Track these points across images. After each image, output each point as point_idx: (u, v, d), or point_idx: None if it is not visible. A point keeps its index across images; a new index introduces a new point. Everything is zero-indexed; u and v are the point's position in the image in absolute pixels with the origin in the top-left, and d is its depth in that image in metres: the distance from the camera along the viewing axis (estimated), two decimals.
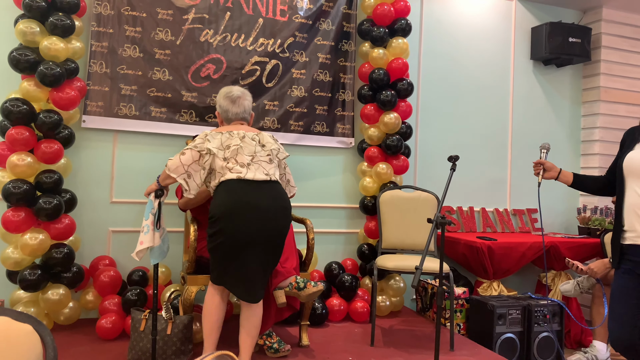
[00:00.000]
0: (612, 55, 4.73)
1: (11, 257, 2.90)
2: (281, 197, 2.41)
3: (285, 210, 2.42)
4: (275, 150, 2.50)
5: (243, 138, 2.43)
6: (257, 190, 2.33)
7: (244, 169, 2.35)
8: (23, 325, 1.07)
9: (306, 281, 2.68)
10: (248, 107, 2.59)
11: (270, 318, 2.79)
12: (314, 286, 2.66)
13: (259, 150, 2.43)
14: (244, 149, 2.39)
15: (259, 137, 2.49)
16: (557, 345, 3.33)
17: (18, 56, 2.89)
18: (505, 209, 4.54)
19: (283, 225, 2.40)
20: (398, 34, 3.84)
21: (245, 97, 2.59)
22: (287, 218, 2.44)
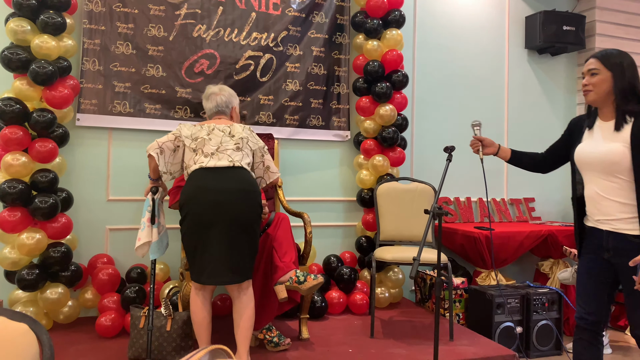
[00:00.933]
0: (607, 42, 4.72)
1: (8, 257, 2.90)
2: (243, 180, 2.42)
3: (247, 192, 2.40)
4: (245, 139, 2.54)
5: (212, 130, 2.53)
6: (218, 175, 2.39)
7: (207, 159, 2.43)
8: (19, 324, 1.07)
9: (306, 274, 2.69)
10: (222, 101, 2.68)
11: (270, 312, 2.79)
12: (314, 279, 2.67)
13: (227, 141, 2.50)
14: (211, 140, 2.49)
15: (230, 129, 2.56)
16: (556, 332, 3.35)
17: (9, 55, 2.88)
18: (502, 199, 4.55)
19: (244, 206, 2.37)
20: (392, 26, 3.83)
21: (220, 93, 2.69)
22: (250, 200, 2.40)
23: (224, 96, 2.69)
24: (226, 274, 2.34)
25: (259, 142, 2.64)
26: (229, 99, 2.71)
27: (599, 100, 2.13)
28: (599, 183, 2.10)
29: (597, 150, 2.09)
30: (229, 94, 2.73)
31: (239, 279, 2.37)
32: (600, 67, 2.11)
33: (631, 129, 2.02)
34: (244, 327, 2.39)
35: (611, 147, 2.05)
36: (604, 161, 2.06)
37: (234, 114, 2.77)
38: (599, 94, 2.11)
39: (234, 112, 2.77)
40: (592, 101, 2.16)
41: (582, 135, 2.22)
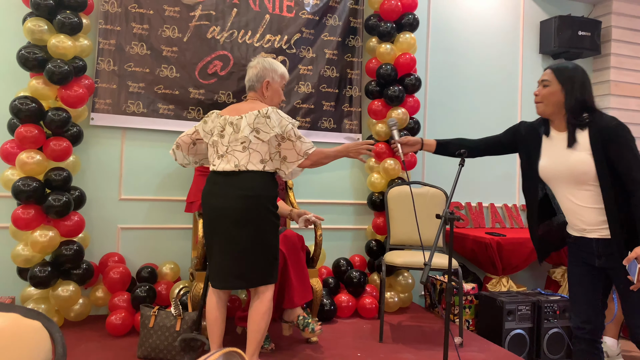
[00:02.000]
0: (623, 48, 4.67)
1: (21, 255, 2.93)
2: (244, 185, 2.33)
3: (247, 198, 2.32)
4: (251, 134, 2.36)
5: (225, 125, 2.42)
6: (223, 180, 2.37)
7: (218, 160, 2.41)
8: (32, 321, 1.08)
9: (306, 322, 2.77)
10: (252, 75, 2.51)
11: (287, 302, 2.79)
12: (310, 332, 2.76)
13: (234, 139, 2.38)
14: (223, 138, 2.41)
15: (239, 122, 2.39)
16: (567, 341, 3.31)
17: (26, 54, 2.91)
18: (514, 205, 4.51)
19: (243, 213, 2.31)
20: (405, 29, 3.82)
21: (255, 66, 2.52)
22: (250, 206, 2.33)
23: (257, 69, 2.50)
24: (228, 279, 2.34)
25: (275, 128, 2.36)
26: (261, 72, 2.50)
27: (547, 112, 2.14)
28: (574, 193, 2.08)
29: (564, 162, 2.07)
30: (263, 66, 2.50)
31: (244, 285, 2.36)
32: (553, 79, 2.12)
33: (589, 137, 2.01)
34: (251, 330, 2.38)
35: (578, 157, 2.03)
36: (574, 172, 2.04)
37: (265, 90, 2.51)
38: (548, 106, 2.13)
39: (265, 87, 2.51)
40: (541, 112, 2.18)
41: (539, 147, 2.19)
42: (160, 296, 3.21)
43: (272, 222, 2.38)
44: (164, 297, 3.22)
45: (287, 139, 2.38)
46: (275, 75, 2.53)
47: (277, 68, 2.55)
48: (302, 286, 2.79)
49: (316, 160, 2.42)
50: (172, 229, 3.55)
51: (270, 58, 2.59)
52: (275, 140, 2.38)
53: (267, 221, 2.36)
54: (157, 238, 3.52)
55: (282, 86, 2.58)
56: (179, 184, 3.58)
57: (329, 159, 2.48)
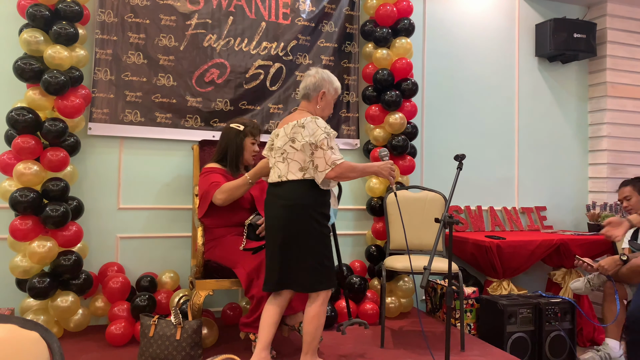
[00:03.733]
0: (618, 50, 4.69)
1: (20, 266, 2.91)
2: (285, 195, 2.46)
3: (287, 208, 2.44)
4: (286, 145, 2.49)
5: (273, 142, 2.63)
6: (271, 190, 2.57)
7: (270, 172, 2.62)
8: (30, 332, 1.07)
9: None
10: (308, 83, 2.60)
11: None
12: None
13: (276, 152, 2.57)
14: (272, 150, 2.62)
15: (280, 133, 2.57)
16: (570, 343, 3.30)
17: (23, 65, 2.91)
18: (513, 207, 4.51)
19: (284, 222, 2.44)
20: (401, 34, 3.83)
21: (313, 75, 2.61)
22: (290, 214, 2.44)
23: (316, 78, 2.58)
24: (275, 283, 2.50)
25: (307, 137, 2.42)
26: (319, 82, 2.58)
27: None
28: None
29: None
30: (322, 77, 2.59)
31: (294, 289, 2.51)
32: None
33: None
34: (303, 332, 2.49)
35: None
36: None
37: (319, 100, 2.59)
38: None
39: (320, 97, 2.59)
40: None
41: None
42: (160, 305, 3.20)
43: (315, 229, 2.44)
44: (164, 306, 3.21)
45: (319, 148, 2.41)
46: (331, 88, 2.62)
47: (334, 81, 2.64)
48: (299, 293, 2.78)
49: (341, 172, 2.42)
50: (172, 238, 3.54)
51: (328, 71, 2.67)
52: (309, 148, 2.43)
53: (311, 228, 2.43)
54: (157, 247, 3.52)
55: (335, 98, 2.68)
56: (178, 192, 3.57)
57: (356, 173, 2.49)
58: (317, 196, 2.46)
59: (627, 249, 3.54)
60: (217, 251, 2.89)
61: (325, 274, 2.46)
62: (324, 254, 2.46)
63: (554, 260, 3.95)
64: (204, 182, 2.89)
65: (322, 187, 2.47)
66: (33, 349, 1.05)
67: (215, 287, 2.84)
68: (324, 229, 2.47)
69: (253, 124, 3.05)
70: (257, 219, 2.92)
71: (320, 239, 2.45)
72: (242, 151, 3.01)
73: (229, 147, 3.00)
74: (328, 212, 2.53)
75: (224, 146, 3.01)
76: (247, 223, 2.91)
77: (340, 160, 2.42)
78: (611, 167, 4.64)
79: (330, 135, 2.44)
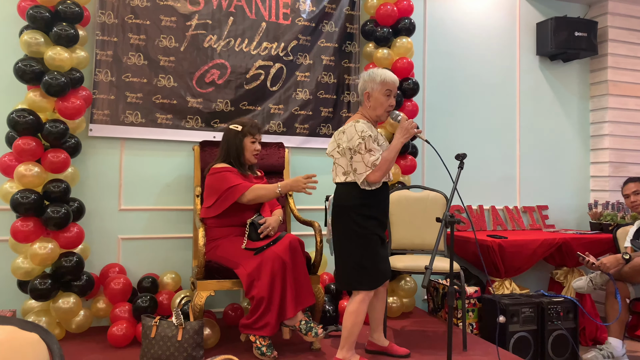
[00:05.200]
0: (619, 48, 4.68)
1: (21, 267, 2.92)
2: (334, 197, 2.68)
3: (334, 208, 2.66)
4: (331, 154, 2.69)
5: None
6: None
7: None
8: (29, 334, 1.07)
9: (309, 328, 2.78)
10: (358, 90, 2.70)
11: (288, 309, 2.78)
12: (314, 336, 2.77)
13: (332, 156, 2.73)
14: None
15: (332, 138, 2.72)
16: (572, 342, 3.29)
17: (23, 67, 2.91)
18: (515, 207, 4.50)
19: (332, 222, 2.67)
20: (402, 34, 3.83)
21: (360, 78, 2.68)
22: (334, 215, 2.65)
23: (359, 84, 2.67)
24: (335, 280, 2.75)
25: (344, 143, 2.56)
26: (361, 86, 2.65)
27: None
28: None
29: None
30: (362, 79, 2.65)
31: (337, 285, 2.73)
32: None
33: None
34: (342, 327, 2.59)
35: None
36: None
37: (367, 102, 2.63)
38: None
39: (367, 99, 2.63)
40: None
41: None
42: (162, 306, 3.20)
43: (354, 230, 2.54)
44: (166, 307, 3.21)
45: (357, 152, 2.51)
46: (374, 85, 2.60)
47: (376, 76, 2.60)
48: (299, 293, 2.78)
49: (380, 170, 2.51)
50: (173, 239, 3.54)
51: (375, 68, 2.65)
52: (349, 153, 2.54)
53: (348, 229, 2.56)
54: (158, 248, 3.52)
55: (385, 92, 2.60)
56: (179, 193, 3.57)
57: (392, 159, 2.56)
58: (359, 198, 2.55)
59: (629, 247, 3.53)
60: (218, 252, 2.89)
61: (364, 274, 2.55)
62: (363, 255, 2.54)
63: (556, 260, 3.94)
64: (218, 181, 2.89)
65: (368, 188, 2.55)
66: (33, 350, 1.04)
67: (217, 288, 2.84)
68: (363, 230, 2.54)
69: (251, 123, 3.04)
70: (259, 218, 2.93)
71: (359, 239, 2.54)
72: (243, 151, 3.01)
73: (230, 148, 3.00)
74: (373, 213, 2.57)
75: (226, 147, 3.02)
76: (249, 222, 2.91)
77: (378, 159, 2.51)
78: (613, 165, 4.63)
79: (365, 139, 2.49)
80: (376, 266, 2.57)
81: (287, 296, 2.73)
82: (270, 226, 2.90)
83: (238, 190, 2.86)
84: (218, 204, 2.90)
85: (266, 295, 2.69)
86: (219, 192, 2.90)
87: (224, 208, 2.89)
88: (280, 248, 2.78)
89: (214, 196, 2.92)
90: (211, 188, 2.93)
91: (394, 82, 2.62)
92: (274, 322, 2.72)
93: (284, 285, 2.74)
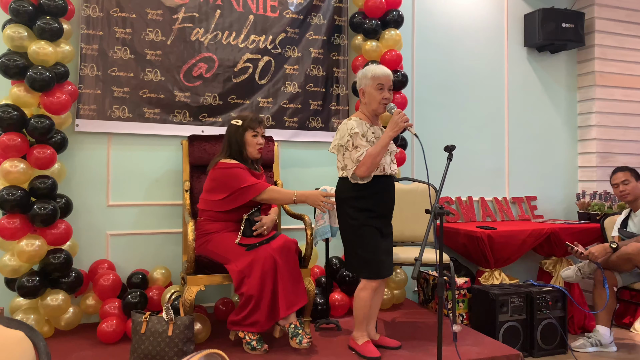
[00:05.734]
0: (607, 39, 4.70)
1: (8, 265, 2.89)
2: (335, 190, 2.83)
3: (336, 200, 2.81)
4: (331, 151, 2.81)
5: None
6: None
7: None
8: (14, 332, 1.06)
9: (296, 334, 2.76)
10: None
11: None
12: (297, 344, 2.75)
13: None
14: None
15: None
16: (561, 331, 3.32)
17: (7, 62, 2.87)
18: (504, 198, 4.53)
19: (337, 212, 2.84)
20: (390, 26, 3.82)
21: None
22: (336, 207, 2.81)
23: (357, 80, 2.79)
24: None
25: (336, 141, 2.74)
26: (358, 83, 2.78)
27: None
28: None
29: None
30: (357, 77, 2.79)
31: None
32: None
33: None
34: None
35: None
36: None
37: (362, 98, 2.77)
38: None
39: (362, 95, 2.76)
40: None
41: None
42: (152, 302, 3.19)
43: (347, 222, 2.72)
44: (156, 303, 3.20)
45: (346, 149, 2.67)
46: (366, 80, 2.70)
47: (368, 72, 2.70)
48: (291, 293, 2.76)
49: (365, 164, 2.61)
50: (162, 234, 3.52)
51: (369, 65, 2.78)
52: (341, 149, 2.70)
53: (345, 221, 2.74)
54: (147, 243, 3.50)
55: (377, 86, 2.68)
56: (168, 188, 3.55)
57: (380, 153, 2.62)
58: (352, 191, 2.68)
59: (617, 236, 3.57)
60: (210, 246, 2.88)
61: (363, 264, 2.68)
62: (358, 244, 2.68)
63: (545, 250, 3.97)
64: (230, 178, 2.85)
65: (360, 182, 2.66)
66: (18, 348, 1.03)
67: (207, 283, 2.83)
68: (355, 221, 2.67)
69: (251, 117, 3.00)
70: (256, 215, 2.91)
71: (353, 230, 2.68)
72: (245, 146, 2.96)
73: (232, 143, 2.96)
74: (367, 206, 2.67)
75: (228, 143, 2.98)
76: (245, 217, 2.89)
77: (363, 155, 2.61)
78: (600, 156, 4.67)
79: (353, 136, 2.64)
80: (374, 257, 2.66)
81: (278, 296, 2.72)
82: (264, 225, 2.90)
83: (255, 189, 2.85)
84: (230, 199, 2.86)
85: (256, 293, 2.68)
86: (231, 189, 2.85)
87: (237, 205, 2.87)
88: (273, 247, 2.77)
89: (224, 191, 2.86)
90: (220, 182, 2.88)
91: (385, 76, 2.68)
92: (263, 320, 2.71)
93: (275, 284, 2.73)
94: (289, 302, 2.74)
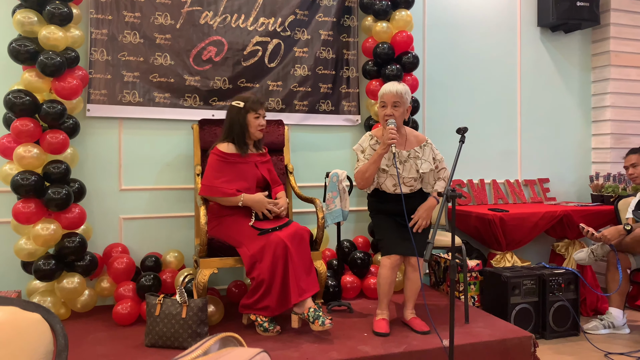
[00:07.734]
0: (622, 18, 4.60)
1: (25, 248, 2.93)
2: None
3: None
4: None
5: None
6: None
7: None
8: (31, 314, 1.07)
9: (317, 316, 2.68)
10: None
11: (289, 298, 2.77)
12: (320, 325, 2.65)
13: None
14: None
15: None
16: (573, 313, 3.32)
17: (18, 47, 2.88)
18: (516, 180, 4.49)
19: None
20: (401, 6, 3.77)
21: None
22: None
23: None
24: None
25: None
26: None
27: None
28: None
29: None
30: None
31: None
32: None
33: None
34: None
35: None
36: None
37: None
38: None
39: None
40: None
41: None
42: (165, 284, 3.23)
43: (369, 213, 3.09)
44: (169, 285, 3.24)
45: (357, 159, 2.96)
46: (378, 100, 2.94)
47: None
48: (303, 280, 2.76)
49: (357, 180, 2.91)
50: (175, 218, 3.55)
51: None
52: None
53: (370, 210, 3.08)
54: (160, 227, 3.53)
55: (380, 104, 2.89)
56: (179, 172, 3.57)
57: (370, 169, 2.81)
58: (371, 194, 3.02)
59: (631, 218, 3.53)
60: (222, 229, 2.90)
61: (379, 242, 3.00)
62: (375, 227, 3.02)
63: (558, 232, 3.95)
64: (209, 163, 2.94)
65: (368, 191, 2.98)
66: (35, 330, 1.05)
67: (220, 266, 2.86)
68: (372, 212, 3.04)
69: (254, 99, 3.00)
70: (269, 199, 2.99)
71: (372, 217, 3.06)
72: (247, 127, 2.98)
73: (233, 125, 2.98)
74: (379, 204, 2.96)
75: (229, 125, 3.00)
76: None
77: (356, 169, 2.91)
78: (614, 137, 4.60)
79: (357, 150, 2.96)
80: (385, 236, 2.88)
81: (289, 282, 2.73)
82: (283, 206, 2.98)
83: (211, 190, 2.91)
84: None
85: (267, 277, 2.70)
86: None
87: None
88: (286, 234, 2.77)
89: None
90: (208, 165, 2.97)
91: (386, 93, 2.85)
92: (274, 305, 2.73)
93: (286, 270, 2.73)
94: (300, 289, 2.73)
